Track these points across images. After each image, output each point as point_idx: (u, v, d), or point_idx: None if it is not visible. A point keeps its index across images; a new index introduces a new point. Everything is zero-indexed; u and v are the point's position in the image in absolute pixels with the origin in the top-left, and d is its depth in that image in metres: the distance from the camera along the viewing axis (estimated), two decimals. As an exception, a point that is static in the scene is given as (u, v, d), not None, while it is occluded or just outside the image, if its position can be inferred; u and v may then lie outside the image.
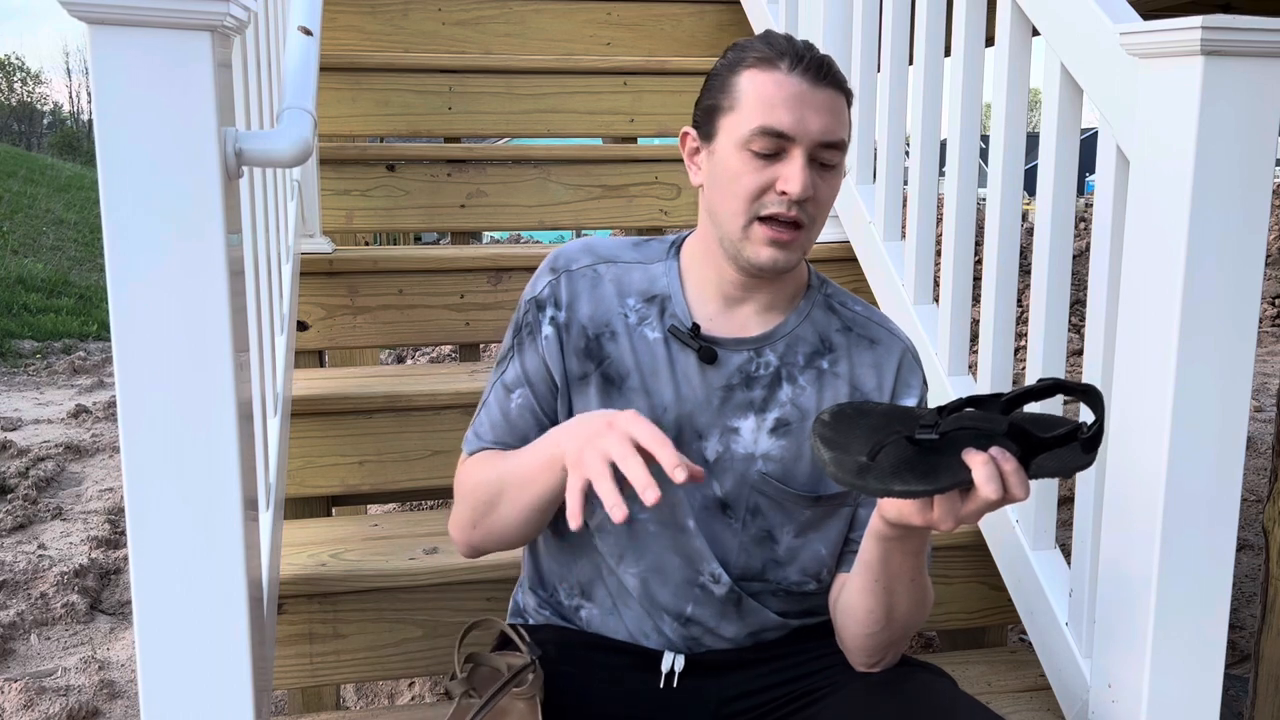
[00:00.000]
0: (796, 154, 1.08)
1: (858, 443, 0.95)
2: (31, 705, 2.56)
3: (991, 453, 0.93)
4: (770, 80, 1.09)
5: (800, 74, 1.09)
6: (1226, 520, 1.25)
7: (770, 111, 1.08)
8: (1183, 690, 1.27)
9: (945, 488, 0.91)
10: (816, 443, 0.96)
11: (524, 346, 1.20)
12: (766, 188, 1.09)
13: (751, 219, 1.10)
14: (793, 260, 1.12)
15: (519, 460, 1.13)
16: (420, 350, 6.58)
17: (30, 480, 4.18)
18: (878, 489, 0.91)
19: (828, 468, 0.94)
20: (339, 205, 2.44)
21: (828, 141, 1.09)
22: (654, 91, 2.76)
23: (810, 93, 1.09)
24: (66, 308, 8.42)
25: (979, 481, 0.91)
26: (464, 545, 1.21)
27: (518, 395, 1.20)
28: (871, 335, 1.22)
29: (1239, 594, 3.09)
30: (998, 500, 0.92)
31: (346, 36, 2.90)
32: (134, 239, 0.91)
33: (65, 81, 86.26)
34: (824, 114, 1.09)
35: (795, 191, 1.07)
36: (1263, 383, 5.72)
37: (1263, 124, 1.18)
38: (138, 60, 0.88)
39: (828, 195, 1.12)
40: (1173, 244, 1.20)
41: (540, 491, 1.10)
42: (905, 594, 1.12)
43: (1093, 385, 0.97)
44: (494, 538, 1.17)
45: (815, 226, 1.13)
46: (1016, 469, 0.93)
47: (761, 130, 1.08)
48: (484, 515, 1.16)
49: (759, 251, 1.11)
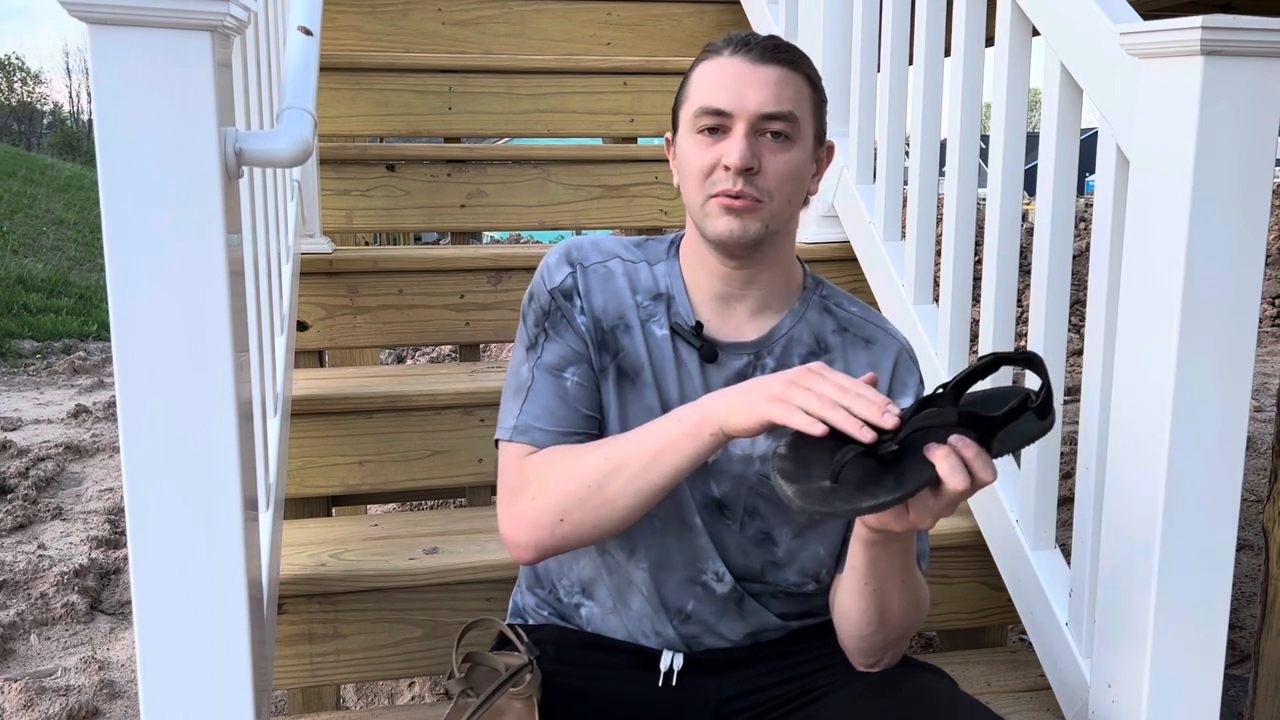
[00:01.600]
0: (735, 128, 1.11)
1: (819, 467, 0.94)
2: (31, 705, 2.56)
3: (951, 443, 0.93)
4: (713, 65, 1.13)
5: (741, 56, 1.12)
6: (1226, 520, 1.25)
7: (709, 92, 1.12)
8: (1183, 690, 1.27)
9: (913, 491, 0.91)
10: (776, 478, 0.94)
11: (559, 331, 1.18)
12: (714, 165, 1.11)
13: (707, 197, 1.12)
14: (750, 231, 1.12)
15: (644, 434, 1.08)
16: (420, 350, 6.58)
17: (30, 480, 4.18)
18: (847, 510, 0.90)
19: (793, 502, 0.91)
20: (339, 205, 2.44)
21: (768, 113, 1.10)
22: (654, 91, 2.76)
23: (750, 70, 1.11)
24: (66, 308, 8.43)
25: (944, 475, 0.91)
26: (536, 544, 1.12)
27: (572, 373, 1.17)
28: (867, 335, 1.22)
29: (1239, 594, 3.09)
30: (966, 489, 0.92)
31: (346, 36, 2.90)
32: (134, 239, 0.91)
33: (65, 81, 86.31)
34: (764, 88, 1.10)
35: (733, 162, 1.09)
36: (1263, 383, 5.72)
37: (1263, 124, 1.18)
38: (138, 60, 0.88)
39: (779, 168, 1.11)
40: (1173, 244, 1.20)
41: (677, 461, 1.06)
42: (897, 595, 1.12)
43: (1032, 352, 0.97)
44: (588, 528, 1.10)
45: (774, 201, 1.12)
46: (978, 453, 0.93)
47: (702, 110, 1.12)
48: (583, 502, 1.09)
49: (717, 224, 1.12)
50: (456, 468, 1.92)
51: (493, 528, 1.77)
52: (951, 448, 0.92)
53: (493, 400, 1.90)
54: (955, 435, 0.93)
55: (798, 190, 1.15)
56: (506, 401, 1.19)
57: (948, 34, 1.84)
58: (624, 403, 1.18)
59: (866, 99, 2.16)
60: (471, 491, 1.99)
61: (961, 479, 0.91)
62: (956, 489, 0.92)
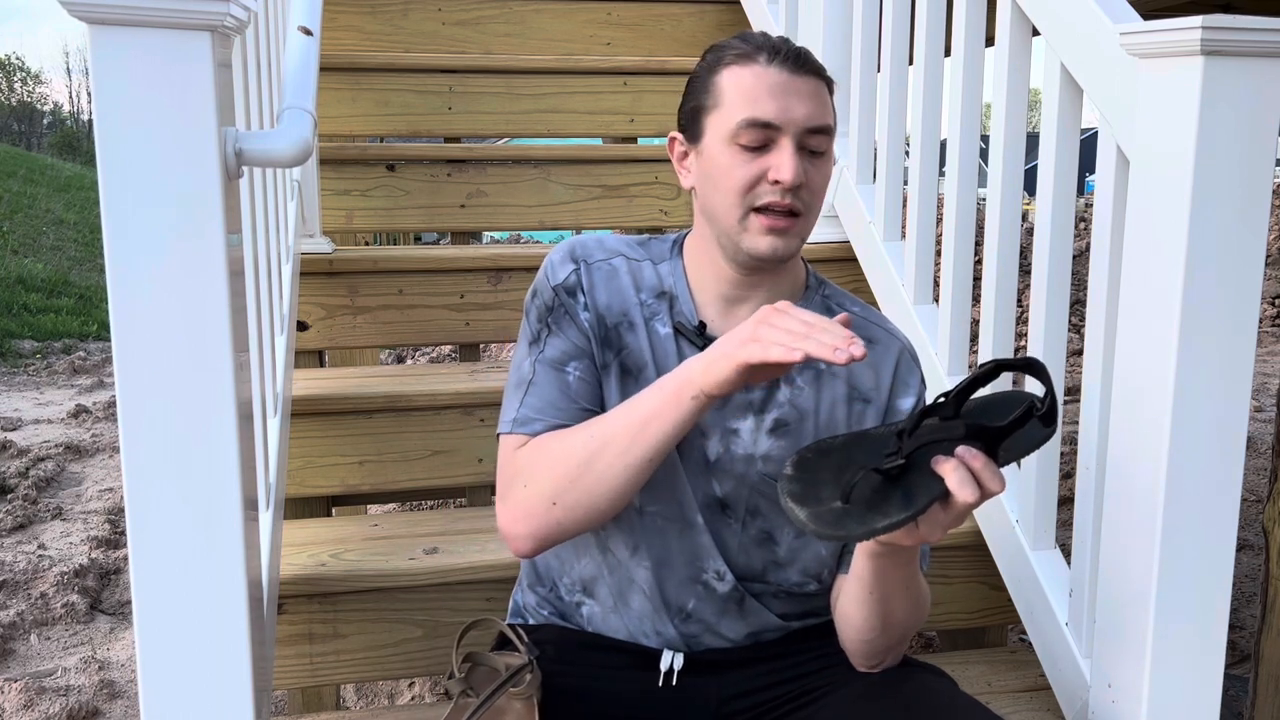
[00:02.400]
0: (785, 142, 1.09)
1: (828, 488, 0.94)
2: (31, 705, 2.56)
3: (959, 454, 0.93)
4: (750, 74, 1.10)
5: (780, 64, 1.10)
6: (1226, 520, 1.25)
7: (754, 104, 1.09)
8: (1183, 690, 1.27)
9: (924, 507, 0.91)
10: (787, 502, 0.94)
11: (562, 326, 1.17)
12: (758, 179, 1.10)
13: (747, 211, 1.11)
14: (792, 248, 1.12)
15: (628, 408, 1.08)
16: (420, 350, 6.58)
17: (30, 480, 4.18)
18: (861, 532, 0.90)
19: (806, 526, 0.91)
20: (339, 205, 2.44)
21: (814, 127, 1.10)
22: (654, 91, 2.76)
23: (791, 81, 1.09)
24: (66, 308, 8.43)
25: (953, 488, 0.91)
26: (532, 533, 1.11)
27: (574, 368, 1.16)
28: (869, 335, 1.22)
29: (1239, 594, 3.09)
30: (976, 501, 0.92)
31: (346, 36, 2.90)
32: (134, 239, 0.91)
33: (65, 81, 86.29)
34: (808, 100, 1.10)
35: (788, 179, 1.08)
36: (1263, 383, 5.72)
37: (1263, 124, 1.18)
38: (138, 60, 0.88)
39: (819, 182, 1.12)
40: (1173, 244, 1.20)
41: (663, 428, 1.05)
42: (900, 601, 1.13)
43: (1033, 358, 0.97)
44: (582, 509, 1.09)
45: (811, 214, 1.13)
46: (985, 464, 0.93)
47: (748, 123, 1.09)
48: (574, 482, 1.08)
49: (758, 242, 1.11)
50: (456, 468, 1.92)
51: (493, 528, 1.77)
52: (959, 460, 0.92)
53: (492, 400, 1.90)
54: (962, 447, 0.93)
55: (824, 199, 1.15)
56: (508, 396, 1.19)
57: (948, 34, 1.84)
58: (626, 399, 1.18)
59: (866, 99, 2.16)
60: (471, 491, 1.99)
61: (971, 491, 0.91)
62: (967, 501, 0.92)
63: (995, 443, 0.95)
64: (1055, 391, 0.95)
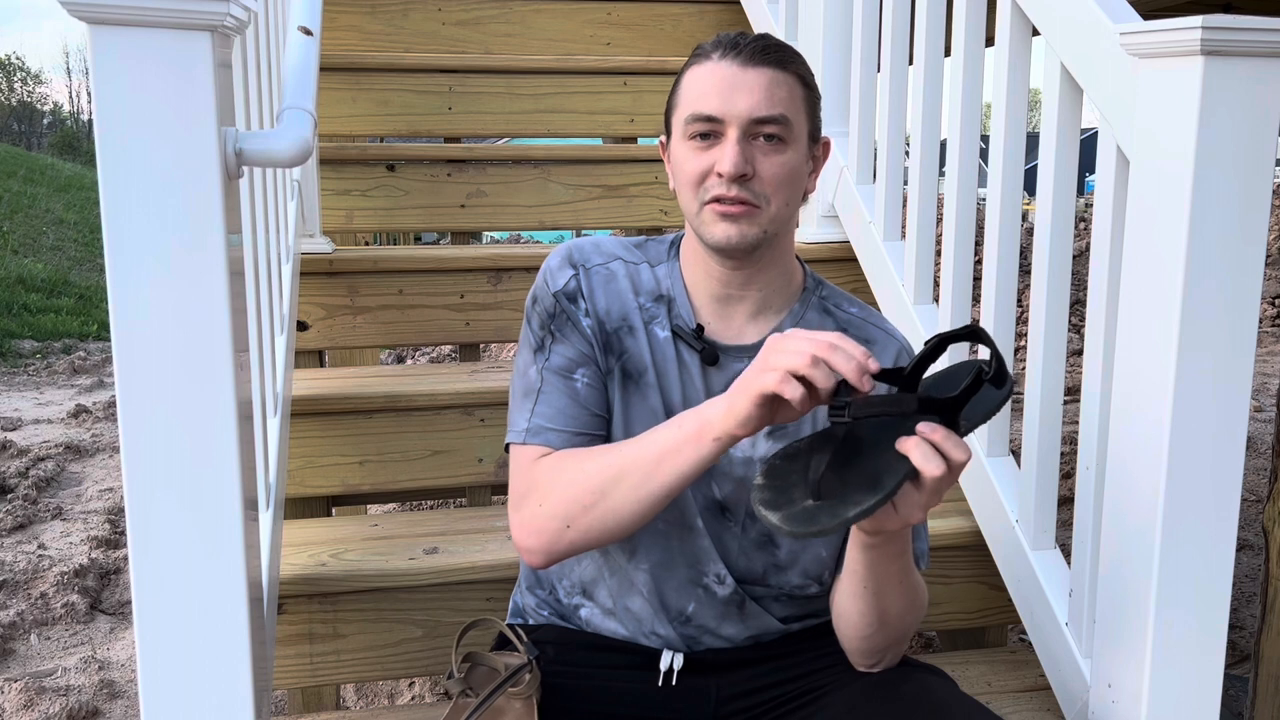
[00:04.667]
0: (728, 134, 1.10)
1: (799, 489, 0.95)
2: (31, 705, 2.56)
3: (920, 431, 0.94)
4: (703, 70, 1.13)
5: (730, 59, 1.11)
6: (1226, 520, 1.25)
7: (700, 99, 1.11)
8: (1183, 690, 1.27)
9: (894, 489, 0.92)
10: (760, 509, 0.94)
11: (566, 334, 1.18)
12: (707, 171, 1.11)
13: (701, 204, 1.12)
14: (749, 236, 1.12)
15: (649, 440, 1.08)
16: (420, 350, 6.58)
17: (30, 480, 4.18)
18: (834, 524, 0.90)
19: (780, 529, 0.92)
20: (339, 205, 2.44)
21: (760, 117, 1.10)
22: (654, 91, 2.76)
23: (740, 74, 1.10)
24: (66, 308, 8.43)
25: (919, 463, 0.92)
26: (545, 549, 1.12)
27: (581, 375, 1.17)
28: (867, 335, 1.23)
29: (1239, 594, 3.09)
30: (944, 473, 0.93)
31: (346, 36, 2.90)
32: (134, 239, 0.91)
33: (65, 81, 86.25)
34: (754, 92, 1.10)
35: (726, 169, 1.09)
36: (1263, 383, 5.71)
37: (1263, 124, 1.18)
38: (138, 60, 0.88)
39: (774, 171, 1.11)
40: (1173, 244, 1.20)
41: (679, 467, 1.05)
42: (895, 596, 1.13)
43: (975, 325, 0.99)
44: (595, 532, 1.09)
45: (771, 205, 1.12)
46: (946, 435, 0.94)
47: (693, 117, 1.11)
48: (588, 509, 1.09)
49: (714, 230, 1.12)
50: (456, 468, 1.92)
51: (493, 528, 1.77)
52: (920, 435, 0.93)
53: (492, 400, 1.90)
54: (922, 423, 0.94)
55: (794, 191, 1.14)
56: (515, 404, 1.19)
57: (948, 34, 1.84)
58: (628, 404, 1.18)
59: (866, 99, 2.16)
60: (471, 491, 1.99)
61: (937, 464, 0.92)
62: (934, 475, 0.92)
63: (953, 414, 0.96)
64: (1001, 353, 0.97)
